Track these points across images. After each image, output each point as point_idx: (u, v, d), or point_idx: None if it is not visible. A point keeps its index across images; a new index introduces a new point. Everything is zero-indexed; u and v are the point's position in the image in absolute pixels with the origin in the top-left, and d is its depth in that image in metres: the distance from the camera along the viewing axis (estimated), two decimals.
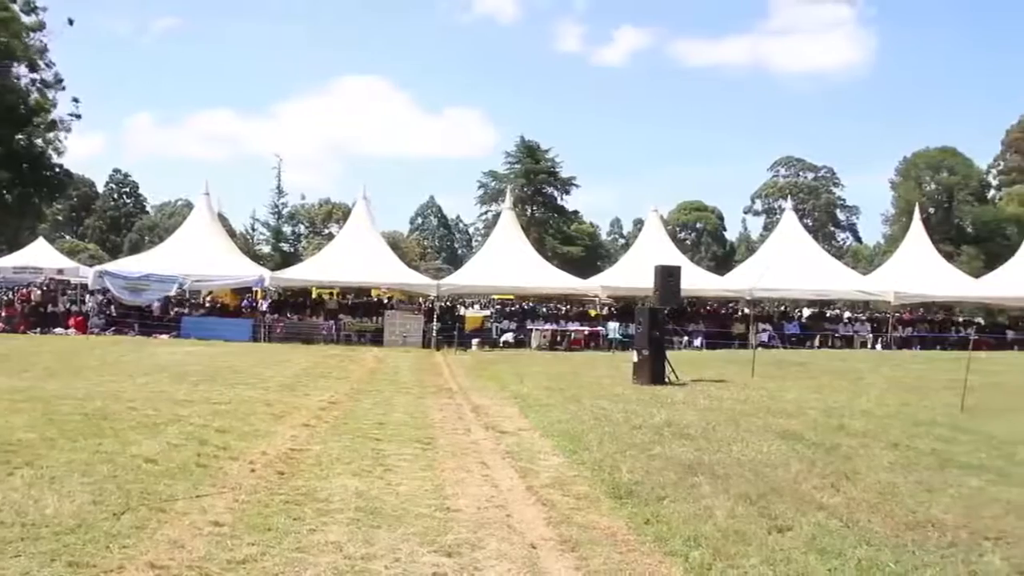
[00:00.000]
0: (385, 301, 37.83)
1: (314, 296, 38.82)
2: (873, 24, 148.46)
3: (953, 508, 6.78)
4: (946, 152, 79.28)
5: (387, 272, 34.03)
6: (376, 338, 31.30)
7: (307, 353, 24.59)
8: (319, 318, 33.53)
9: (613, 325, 32.83)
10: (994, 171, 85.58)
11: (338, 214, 72.25)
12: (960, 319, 45.43)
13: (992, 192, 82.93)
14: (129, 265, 33.75)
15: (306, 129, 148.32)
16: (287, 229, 73.80)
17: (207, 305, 36.16)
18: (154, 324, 31.30)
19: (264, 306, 33.99)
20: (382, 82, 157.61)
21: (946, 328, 39.86)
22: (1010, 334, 37.81)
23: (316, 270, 34.80)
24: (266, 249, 67.12)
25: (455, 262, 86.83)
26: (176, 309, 33.59)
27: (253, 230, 69.31)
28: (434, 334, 31.03)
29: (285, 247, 68.43)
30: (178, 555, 5.23)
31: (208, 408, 11.70)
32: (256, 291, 35.52)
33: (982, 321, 44.45)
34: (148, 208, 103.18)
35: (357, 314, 34.41)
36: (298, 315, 34.07)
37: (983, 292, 39.98)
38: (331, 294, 39.60)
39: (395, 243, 60.51)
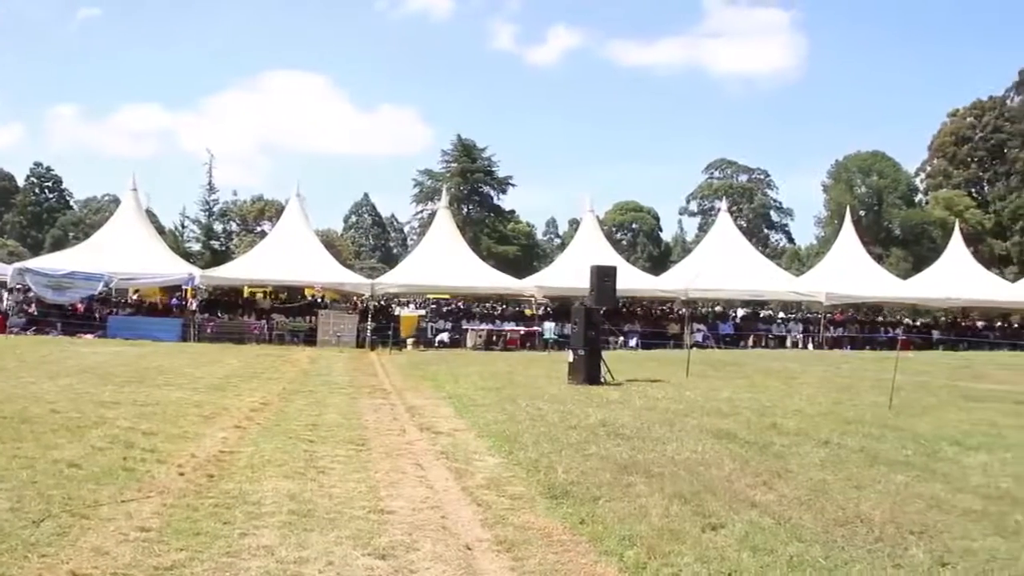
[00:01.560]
0: (319, 300, 37.43)
1: (246, 295, 38.23)
2: (805, 29, 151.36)
3: (880, 504, 6.91)
4: (876, 156, 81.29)
5: (321, 271, 33.71)
6: (309, 338, 30.98)
7: (238, 353, 24.20)
8: (251, 317, 33.12)
9: (549, 325, 32.99)
10: (922, 175, 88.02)
11: (271, 212, 71.16)
12: (888, 319, 46.62)
13: (920, 196, 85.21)
14: (52, 262, 32.71)
15: (237, 124, 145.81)
16: (218, 227, 72.35)
17: (134, 304, 35.35)
18: (78, 323, 30.54)
19: (194, 305, 33.38)
20: (315, 78, 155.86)
21: (875, 328, 40.90)
22: (935, 334, 38.90)
23: (248, 268, 34.26)
24: (196, 247, 65.75)
25: (390, 261, 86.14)
26: (102, 308, 32.78)
27: (183, 227, 67.83)
28: (368, 334, 30.81)
29: (216, 245, 67.06)
30: (102, 563, 5.06)
31: (135, 410, 11.39)
32: (186, 290, 34.83)
33: (909, 321, 45.65)
34: (72, 203, 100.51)
35: (290, 313, 34.03)
36: (229, 314, 33.59)
37: (910, 293, 41.14)
38: (263, 293, 39.00)
39: (329, 241, 59.82)
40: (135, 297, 36.27)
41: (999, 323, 47.32)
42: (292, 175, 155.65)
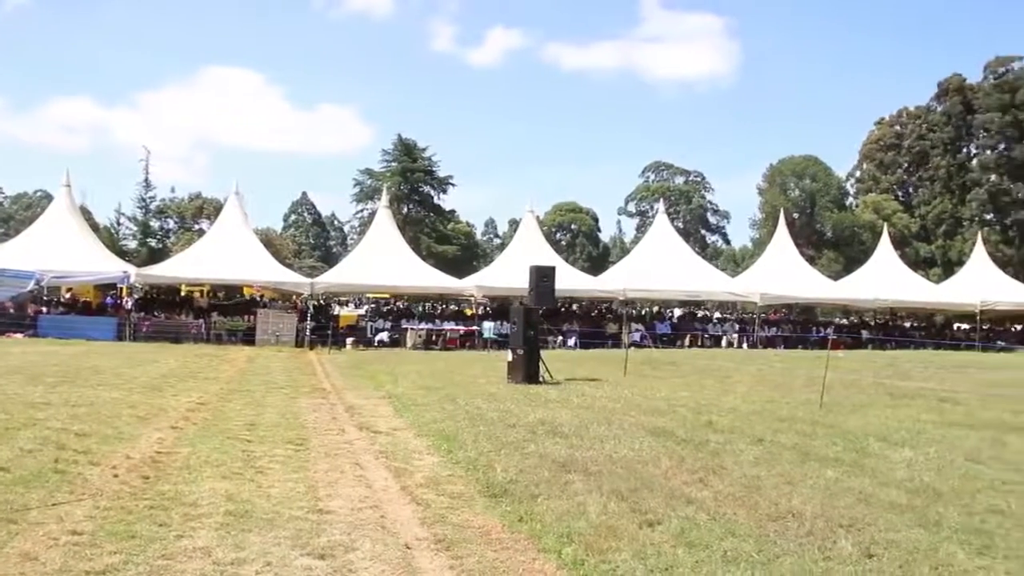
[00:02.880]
0: (257, 299, 37.00)
1: (183, 294, 37.60)
2: (739, 35, 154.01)
3: (811, 499, 7.09)
4: (809, 160, 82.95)
5: (259, 270, 33.31)
6: (248, 337, 30.61)
7: (175, 353, 23.82)
8: (188, 316, 32.59)
9: (488, 324, 33.04)
10: (852, 179, 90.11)
11: (209, 209, 69.92)
12: (820, 319, 47.65)
13: (850, 199, 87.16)
14: None
15: (174, 121, 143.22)
16: (155, 224, 71.11)
17: (67, 303, 34.53)
18: (7, 323, 29.72)
19: (129, 304, 32.72)
20: (253, 75, 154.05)
21: (807, 328, 41.69)
22: (865, 334, 39.82)
23: (186, 267, 33.65)
24: (132, 244, 64.56)
25: (330, 260, 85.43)
26: (33, 307, 31.97)
27: (119, 224, 66.58)
28: (308, 333, 30.54)
29: (153, 243, 65.92)
30: (30, 568, 4.96)
31: (67, 411, 11.15)
32: (121, 288, 34.14)
33: (845, 321, 46.68)
34: (1, 199, 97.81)
35: (228, 312, 33.57)
36: (166, 313, 32.99)
37: (841, 294, 42.14)
38: (201, 292, 38.43)
39: (268, 240, 59.09)
40: (68, 296, 35.43)
41: (924, 323, 48.66)
42: (231, 173, 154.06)
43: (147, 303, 33.92)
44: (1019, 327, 47.07)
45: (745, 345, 37.63)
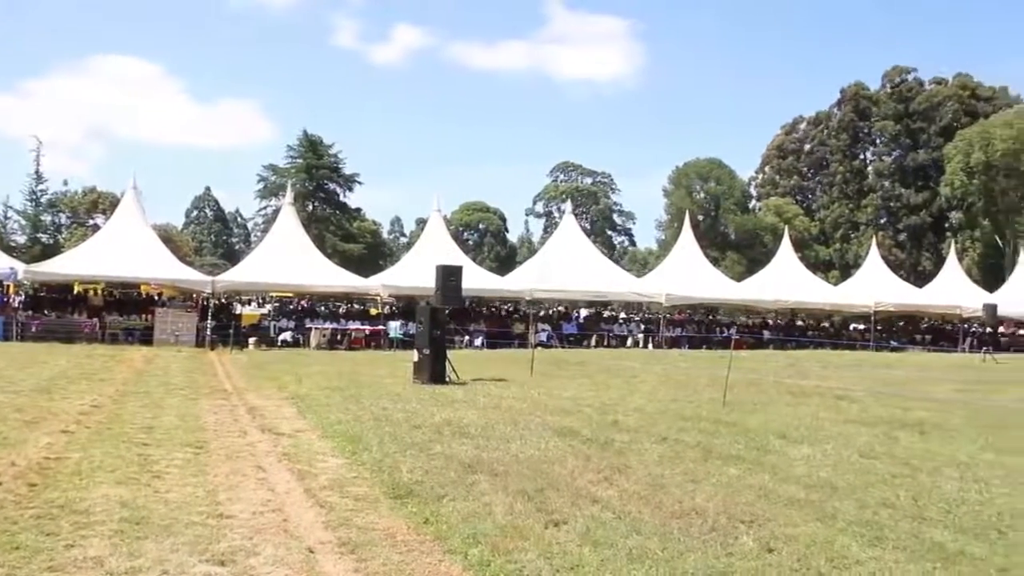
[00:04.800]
0: (156, 298, 35.96)
1: (77, 291, 36.29)
2: (644, 39, 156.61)
3: (714, 496, 7.22)
4: (713, 163, 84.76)
5: (158, 267, 32.33)
6: (145, 337, 29.69)
7: (67, 353, 22.94)
8: (82, 315, 31.42)
9: (394, 324, 32.86)
10: (754, 183, 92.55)
11: (105, 204, 67.63)
12: (724, 320, 48.72)
13: (753, 202, 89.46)
14: None
15: (64, 110, 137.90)
16: (46, 218, 68.48)
17: None
18: None
19: (17, 302, 31.41)
20: (149, 66, 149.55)
21: (711, 328, 42.62)
22: (766, 334, 40.90)
23: (79, 263, 32.38)
24: (21, 239, 62.02)
25: (232, 258, 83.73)
26: None
27: (6, 218, 63.90)
28: (208, 333, 29.82)
29: (44, 238, 63.44)
30: None
31: None
32: (8, 285, 32.71)
33: (747, 321, 47.82)
34: None
35: (124, 311, 32.53)
36: (57, 312, 31.75)
37: (744, 295, 43.17)
38: (95, 290, 37.14)
39: (168, 237, 57.45)
40: None
41: (823, 323, 50.24)
42: (128, 166, 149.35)
43: (37, 301, 32.61)
44: (910, 327, 49.07)
45: (650, 345, 38.20)
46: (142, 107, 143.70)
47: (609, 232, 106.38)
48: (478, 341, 33.98)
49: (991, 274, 64.11)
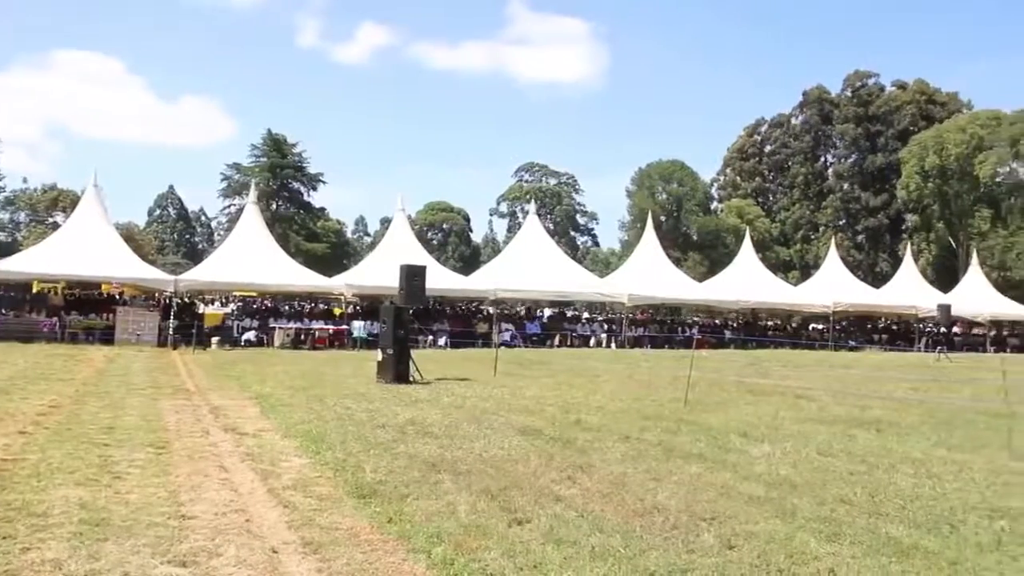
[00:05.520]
0: (117, 297, 35.50)
1: (36, 290, 35.69)
2: (606, 40, 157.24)
3: (676, 494, 7.29)
4: (676, 165, 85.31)
5: (120, 266, 31.93)
6: (106, 336, 29.34)
7: (26, 353, 22.62)
8: (41, 315, 30.97)
9: (358, 324, 32.74)
10: (716, 185, 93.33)
11: (65, 202, 66.64)
12: (686, 320, 49.11)
13: (715, 204, 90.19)
14: None
15: (22, 105, 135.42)
16: (4, 216, 67.49)
17: None
18: None
19: None
20: (111, 62, 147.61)
21: (673, 328, 42.92)
22: (728, 334, 41.27)
23: (38, 262, 31.83)
24: None
25: (196, 257, 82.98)
26: None
27: None
28: (171, 332, 29.52)
29: (2, 236, 62.52)
30: None
31: None
32: None
33: (709, 321, 48.21)
34: None
35: (85, 310, 32.08)
36: (16, 311, 31.28)
37: (706, 295, 43.54)
38: (55, 289, 36.55)
39: (129, 235, 56.77)
40: None
41: (783, 323, 50.81)
42: (89, 163, 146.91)
43: None
44: (868, 327, 49.76)
45: (613, 345, 38.41)
46: (103, 104, 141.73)
47: (573, 232, 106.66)
48: (442, 341, 33.95)
49: (945, 275, 65.26)
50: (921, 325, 46.08)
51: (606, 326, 42.05)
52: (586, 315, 51.72)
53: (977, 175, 68.67)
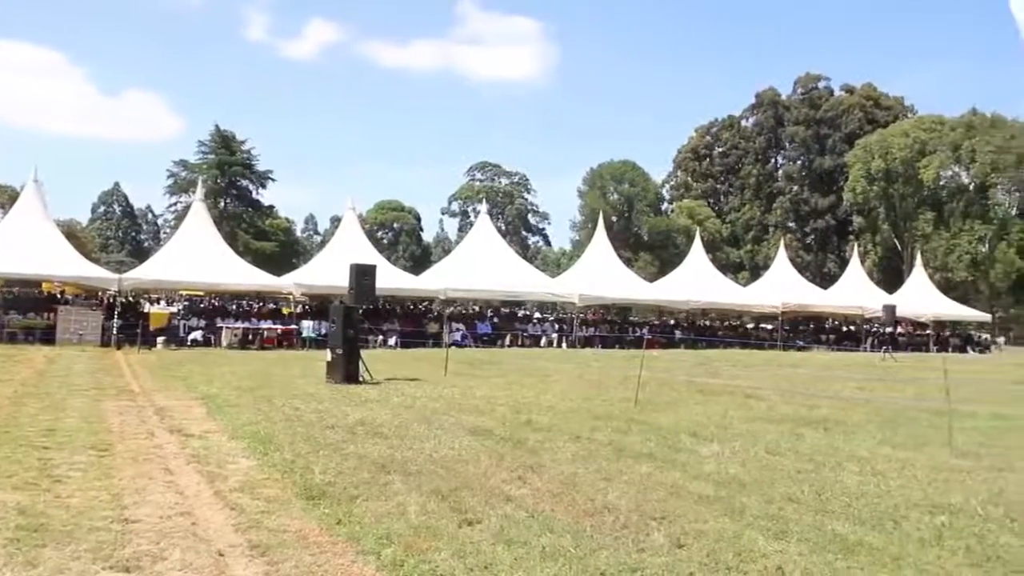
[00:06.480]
0: (58, 296, 34.81)
1: None
2: (556, 40, 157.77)
3: (626, 494, 7.32)
4: (627, 165, 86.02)
5: (61, 264, 31.25)
6: (47, 336, 28.65)
7: None
8: None
9: (307, 323, 32.47)
10: (667, 185, 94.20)
11: (3, 198, 65.23)
12: (636, 319, 49.45)
13: (666, 204, 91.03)
14: None
15: None
16: None
17: None
18: None
19: None
20: (51, 54, 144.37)
21: (624, 328, 43.15)
22: (678, 334, 41.60)
23: None
24: None
25: (141, 255, 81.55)
26: None
27: None
28: (115, 332, 28.98)
29: None
30: None
31: None
32: None
33: (659, 321, 48.57)
34: None
35: (24, 309, 31.36)
36: None
37: (656, 295, 43.91)
38: None
39: (71, 232, 55.70)
40: None
41: (733, 323, 51.41)
42: (28, 158, 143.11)
43: None
44: (816, 327, 50.50)
45: (564, 344, 38.51)
46: (42, 96, 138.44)
47: (524, 232, 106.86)
48: (392, 340, 33.76)
49: (891, 276, 66.68)
50: (867, 325, 46.93)
51: (557, 326, 42.12)
52: (537, 315, 51.80)
53: (921, 178, 70.24)
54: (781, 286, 46.52)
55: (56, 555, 5.29)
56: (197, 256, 33.10)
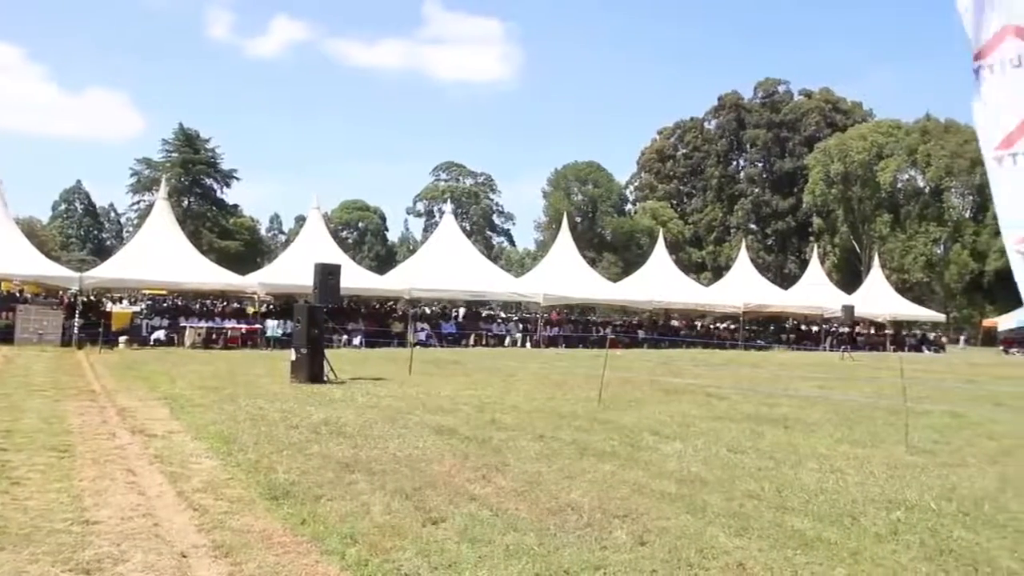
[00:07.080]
0: (17, 294, 34.29)
1: None
2: (521, 41, 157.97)
3: (589, 492, 7.38)
4: (591, 166, 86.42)
5: (20, 262, 30.79)
6: (5, 336, 28.21)
7: None
8: None
9: (272, 323, 32.28)
10: (631, 187, 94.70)
11: None
12: (600, 319, 49.67)
13: (629, 205, 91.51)
14: None
15: None
16: None
17: None
18: None
19: None
20: (9, 49, 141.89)
21: (588, 328, 43.34)
22: (641, 333, 41.88)
23: None
24: None
25: (103, 254, 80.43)
26: None
27: None
28: (76, 331, 28.61)
29: None
30: None
31: None
32: None
33: (623, 321, 48.83)
34: None
35: None
36: None
37: (620, 295, 44.18)
38: None
39: (31, 230, 54.89)
40: None
41: (696, 323, 51.81)
42: None
43: None
44: (776, 327, 51.06)
45: (528, 344, 38.62)
46: (2, 92, 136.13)
47: (489, 232, 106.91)
48: (357, 340, 33.65)
49: (849, 277, 67.64)
50: (826, 325, 47.55)
51: (521, 326, 42.24)
52: (501, 315, 51.88)
53: (878, 181, 71.30)
54: (742, 287, 47.00)
55: (14, 558, 5.23)
56: (160, 255, 32.77)
